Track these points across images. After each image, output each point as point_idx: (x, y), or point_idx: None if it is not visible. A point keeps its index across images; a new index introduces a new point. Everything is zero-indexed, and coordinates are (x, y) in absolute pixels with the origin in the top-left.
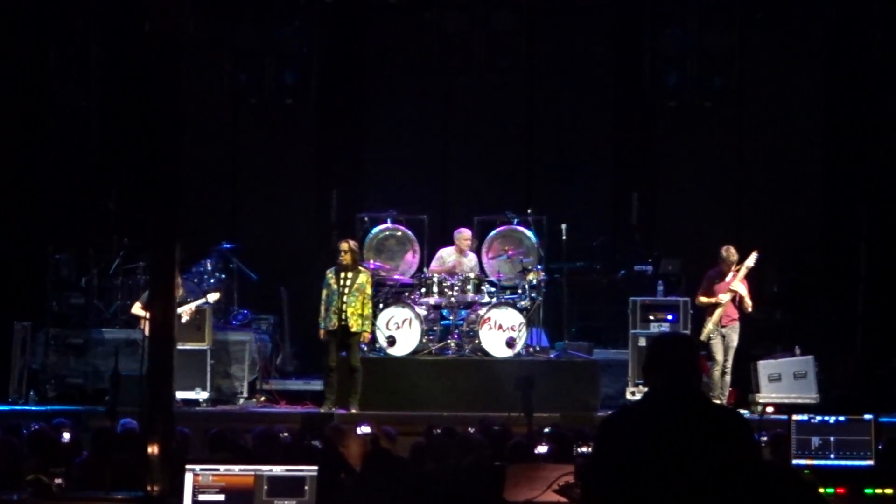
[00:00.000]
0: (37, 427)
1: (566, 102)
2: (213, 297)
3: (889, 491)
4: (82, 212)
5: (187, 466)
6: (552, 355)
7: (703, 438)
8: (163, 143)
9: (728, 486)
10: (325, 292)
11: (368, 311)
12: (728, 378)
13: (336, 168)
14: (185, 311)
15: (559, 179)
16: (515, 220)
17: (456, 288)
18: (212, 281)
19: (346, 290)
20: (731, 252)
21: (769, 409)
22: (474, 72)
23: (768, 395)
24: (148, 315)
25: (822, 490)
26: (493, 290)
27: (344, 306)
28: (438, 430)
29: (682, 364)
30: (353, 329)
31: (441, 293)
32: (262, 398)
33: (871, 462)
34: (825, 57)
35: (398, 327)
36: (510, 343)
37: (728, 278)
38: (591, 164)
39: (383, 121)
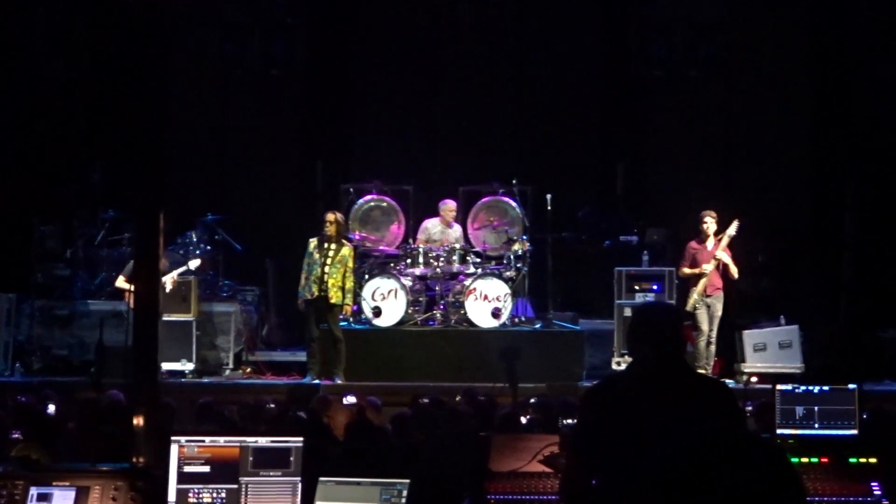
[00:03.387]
0: (22, 399)
1: (552, 72)
2: (194, 263)
3: (873, 460)
4: (68, 183)
5: (172, 438)
6: (537, 325)
7: (688, 407)
8: (148, 114)
9: (710, 455)
10: (306, 261)
11: (350, 284)
12: (713, 348)
13: (322, 139)
14: (169, 280)
15: (545, 149)
16: (501, 191)
17: (441, 258)
18: (197, 252)
19: (329, 262)
20: (707, 217)
21: (753, 380)
22: (461, 42)
23: (753, 364)
24: (132, 287)
25: (806, 459)
26: (478, 260)
27: (325, 276)
28: (424, 401)
29: (666, 333)
30: (333, 300)
31: (426, 264)
32: (248, 369)
33: (854, 431)
34: (813, 26)
35: (384, 298)
36: (496, 313)
37: (710, 247)
38: (577, 133)
39: (369, 92)
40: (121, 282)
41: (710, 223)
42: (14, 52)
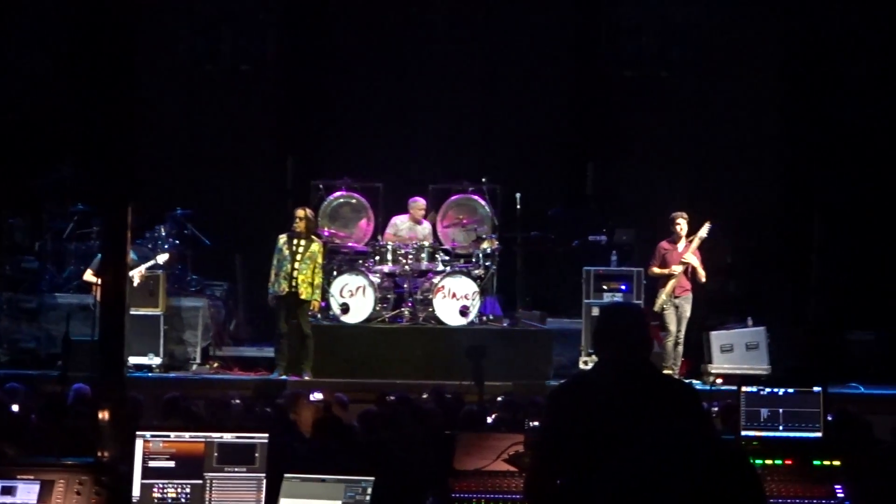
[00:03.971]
0: None
1: (523, 71)
2: (162, 258)
3: (837, 463)
4: (37, 176)
5: (138, 433)
6: (505, 324)
7: (653, 409)
8: (117, 107)
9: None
10: (276, 258)
11: (319, 280)
12: (681, 348)
13: (292, 135)
14: (137, 274)
15: (515, 148)
16: (470, 189)
17: (410, 256)
18: (166, 246)
19: (298, 258)
20: (679, 219)
21: (719, 381)
22: (432, 40)
23: (720, 365)
24: (99, 281)
25: (770, 461)
26: (447, 258)
27: (295, 272)
28: (391, 398)
29: (632, 334)
30: (303, 297)
31: (395, 261)
32: (216, 364)
33: (819, 434)
34: (783, 28)
35: (352, 295)
36: (464, 311)
37: (681, 248)
38: (547, 133)
39: (340, 88)
40: (88, 275)
41: (682, 225)
42: None
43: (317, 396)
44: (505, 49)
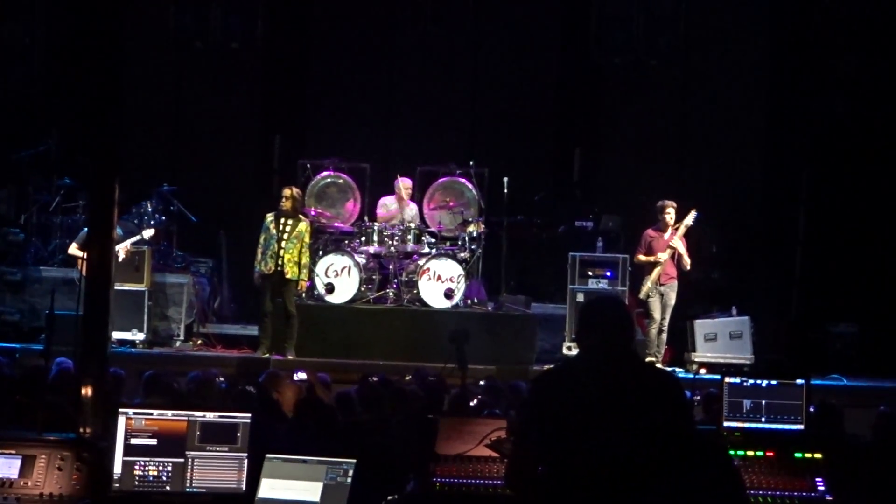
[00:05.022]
0: None
1: (511, 56)
2: (147, 233)
3: (818, 455)
4: (22, 149)
5: (120, 410)
6: (490, 307)
7: (634, 397)
8: (104, 83)
9: (654, 445)
10: (263, 236)
11: (306, 259)
12: (665, 336)
13: (280, 114)
14: (122, 249)
15: (502, 133)
16: (458, 172)
17: (396, 237)
18: (152, 222)
19: (285, 237)
20: (669, 208)
21: (703, 371)
22: (421, 22)
23: (703, 354)
24: (83, 255)
25: (752, 452)
26: (433, 240)
27: (281, 251)
28: (374, 379)
29: (614, 324)
30: (289, 276)
31: (381, 242)
32: (199, 341)
33: (801, 426)
34: (771, 19)
35: (337, 275)
36: (448, 294)
37: (667, 236)
38: (535, 118)
39: (329, 68)
40: (73, 249)
41: (671, 213)
42: None
43: (300, 376)
44: (495, 33)
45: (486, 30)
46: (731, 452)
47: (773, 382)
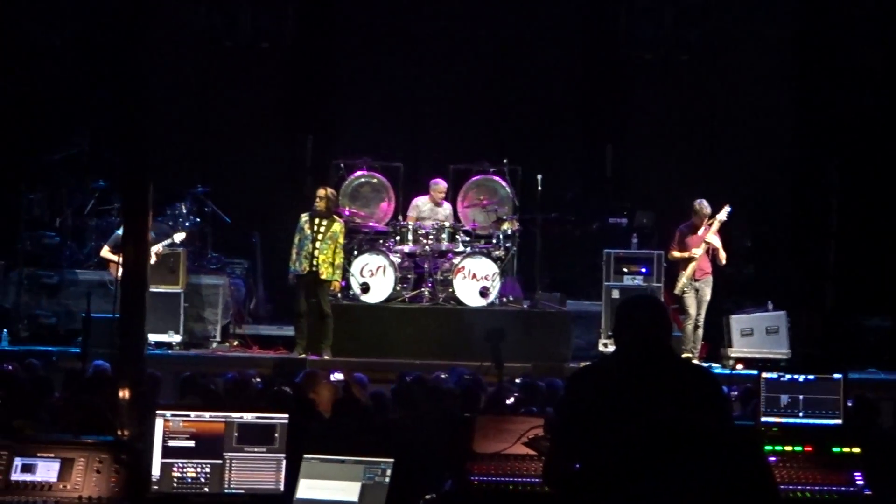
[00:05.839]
0: (8, 367)
1: (541, 53)
2: (179, 236)
3: (856, 450)
4: (55, 151)
5: (158, 412)
6: (525, 305)
7: (671, 394)
8: (134, 83)
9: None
10: (297, 237)
11: (340, 259)
12: (700, 332)
13: (312, 113)
14: (154, 252)
15: (534, 130)
16: (491, 170)
17: (430, 236)
18: (186, 224)
19: (319, 237)
20: (703, 205)
21: (739, 366)
22: (450, 18)
23: (740, 349)
24: (116, 258)
25: (790, 448)
26: (467, 239)
27: (316, 252)
28: (409, 378)
29: (651, 321)
30: (323, 276)
31: (415, 241)
32: (235, 342)
33: (839, 421)
34: (798, 12)
35: (372, 274)
36: (483, 292)
37: (700, 232)
38: (566, 115)
39: (359, 66)
40: (106, 252)
41: (706, 210)
42: (0, 20)
43: (337, 377)
44: (524, 31)
45: (515, 25)
46: (769, 448)
47: (811, 377)
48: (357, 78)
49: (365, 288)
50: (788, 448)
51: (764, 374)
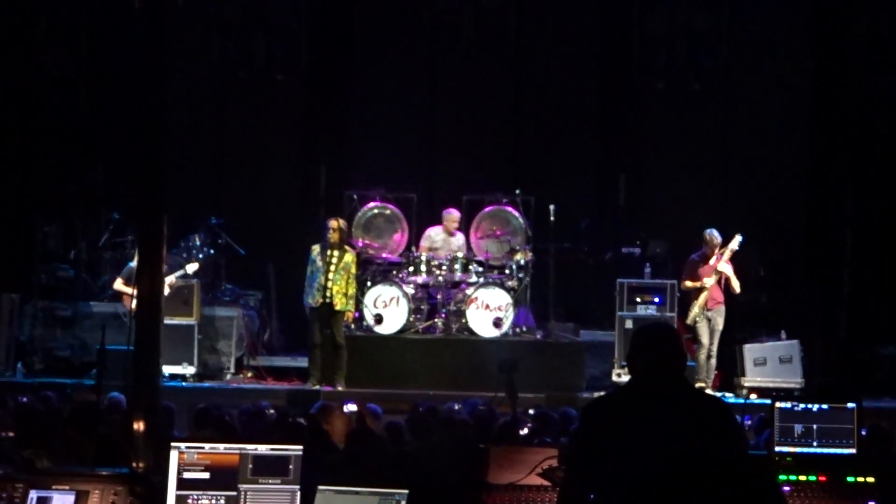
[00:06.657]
0: (23, 400)
1: (554, 82)
2: (191, 267)
3: (871, 479)
4: (70, 183)
5: (172, 444)
6: (538, 335)
7: (686, 424)
8: (149, 115)
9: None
10: (309, 269)
11: (353, 290)
12: (713, 361)
13: (324, 144)
14: (167, 284)
15: (547, 160)
16: (504, 200)
17: (444, 267)
18: (200, 256)
19: (332, 269)
20: (713, 235)
21: (753, 396)
22: (462, 49)
23: (753, 378)
24: (129, 290)
25: (804, 477)
26: (480, 269)
27: (329, 283)
28: (423, 409)
29: (665, 350)
30: (337, 307)
31: (429, 272)
32: (249, 374)
33: (853, 450)
34: (811, 39)
35: (385, 305)
36: (497, 323)
37: (712, 262)
38: (579, 144)
39: (372, 97)
40: (119, 284)
41: (713, 238)
42: (16, 50)
43: (351, 408)
44: (536, 59)
45: (528, 56)
46: (783, 477)
47: (825, 406)
48: (370, 109)
49: (378, 319)
50: (803, 477)
51: (778, 404)
